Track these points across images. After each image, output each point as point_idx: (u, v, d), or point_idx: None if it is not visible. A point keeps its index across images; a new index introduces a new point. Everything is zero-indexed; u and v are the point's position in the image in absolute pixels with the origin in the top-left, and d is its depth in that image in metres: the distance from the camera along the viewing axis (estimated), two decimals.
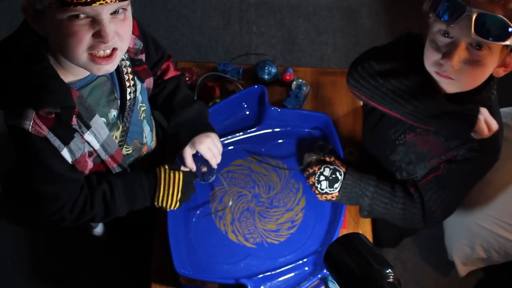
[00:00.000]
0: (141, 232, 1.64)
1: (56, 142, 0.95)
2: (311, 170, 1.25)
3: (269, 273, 1.18)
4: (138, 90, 1.12)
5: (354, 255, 0.72)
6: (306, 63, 2.49)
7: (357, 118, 1.47)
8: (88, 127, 1.00)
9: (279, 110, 1.35)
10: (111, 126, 1.09)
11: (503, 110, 1.74)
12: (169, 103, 1.24)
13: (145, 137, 1.25)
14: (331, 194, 1.22)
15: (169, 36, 2.47)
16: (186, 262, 1.21)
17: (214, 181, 1.29)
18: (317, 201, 1.31)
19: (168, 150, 1.39)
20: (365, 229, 1.33)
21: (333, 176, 1.22)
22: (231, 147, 1.37)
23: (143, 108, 1.21)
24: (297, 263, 1.21)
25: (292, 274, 1.21)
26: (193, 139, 1.18)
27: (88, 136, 1.01)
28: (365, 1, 2.70)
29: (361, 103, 1.48)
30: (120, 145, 1.15)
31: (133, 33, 1.04)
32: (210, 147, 1.19)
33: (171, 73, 1.26)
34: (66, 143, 0.96)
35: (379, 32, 2.60)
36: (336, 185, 1.22)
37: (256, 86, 1.36)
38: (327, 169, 1.23)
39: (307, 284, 1.17)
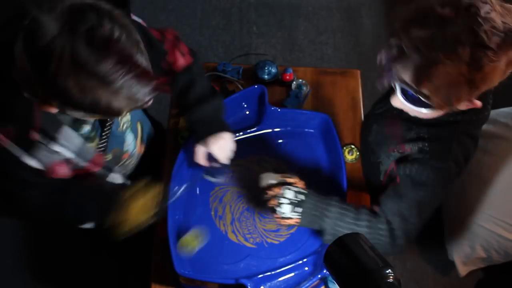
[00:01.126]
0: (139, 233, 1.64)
1: (18, 152, 0.93)
2: (272, 193, 1.12)
3: (269, 273, 1.18)
4: None
5: (354, 255, 0.72)
6: (306, 63, 2.49)
7: (357, 118, 1.47)
8: (54, 139, 0.97)
9: (279, 110, 1.35)
10: (84, 138, 1.06)
11: (503, 110, 1.74)
12: (184, 99, 1.22)
13: (127, 145, 1.22)
14: (294, 218, 1.10)
15: None
16: (186, 262, 1.21)
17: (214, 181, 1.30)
18: None
19: (168, 147, 1.39)
20: None
21: (297, 199, 1.10)
22: None
23: (124, 119, 1.19)
24: (297, 263, 1.21)
25: (292, 274, 1.21)
26: (207, 139, 1.20)
27: (56, 147, 0.98)
28: (365, 1, 2.70)
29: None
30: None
31: None
32: (222, 147, 1.21)
33: (181, 62, 1.19)
34: (29, 153, 0.94)
35: (379, 32, 2.60)
36: (298, 209, 1.10)
37: (256, 86, 1.36)
38: (289, 192, 1.10)
39: (307, 284, 1.17)
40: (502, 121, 1.68)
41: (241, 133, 1.37)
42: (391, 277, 0.68)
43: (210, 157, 1.24)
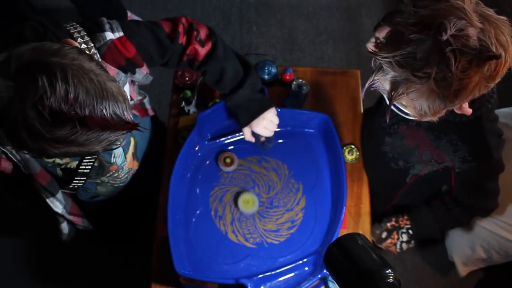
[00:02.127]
0: (134, 233, 1.64)
1: None
2: (392, 241, 1.34)
3: (269, 273, 1.18)
4: None
5: (354, 255, 0.72)
6: (306, 63, 2.49)
7: (357, 118, 1.46)
8: (2, 144, 0.96)
9: (279, 110, 1.35)
10: None
11: (503, 110, 1.74)
12: (219, 88, 1.23)
13: (115, 157, 1.20)
14: (411, 246, 1.35)
15: None
16: (186, 262, 1.21)
17: (214, 181, 1.30)
18: (317, 201, 1.31)
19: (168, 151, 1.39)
20: (365, 229, 1.33)
21: (410, 235, 1.32)
22: (231, 147, 1.37)
23: None
24: (297, 263, 1.21)
25: (292, 274, 1.21)
26: (250, 123, 1.25)
27: (1, 147, 0.98)
28: (365, 1, 2.70)
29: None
30: (84, 164, 1.10)
31: (126, 55, 0.99)
32: (266, 126, 1.26)
33: (202, 52, 1.14)
34: None
35: None
36: (413, 241, 1.33)
37: None
38: (404, 235, 1.32)
39: (307, 284, 1.17)
40: (502, 121, 1.68)
41: (241, 133, 1.37)
42: (391, 277, 0.68)
43: (257, 134, 1.29)
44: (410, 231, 1.31)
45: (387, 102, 0.89)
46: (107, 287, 1.96)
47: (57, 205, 1.17)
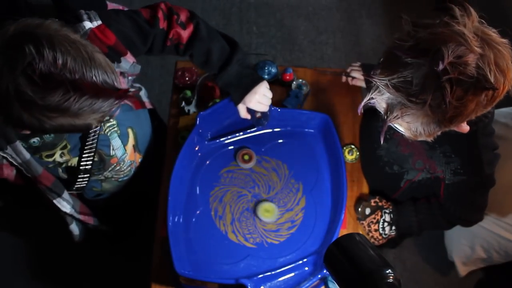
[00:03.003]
0: (133, 231, 1.65)
1: None
2: (374, 220, 1.30)
3: (269, 273, 1.18)
4: None
5: (354, 255, 0.72)
6: (306, 63, 2.49)
7: (356, 118, 1.46)
8: (2, 149, 0.97)
9: (279, 110, 1.35)
10: (49, 145, 1.05)
11: (503, 110, 1.74)
12: (207, 68, 1.21)
13: (114, 150, 1.21)
14: (392, 234, 1.31)
15: None
16: (186, 262, 1.21)
17: (214, 181, 1.30)
18: (317, 201, 1.31)
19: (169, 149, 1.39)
20: None
21: (392, 219, 1.30)
22: (231, 147, 1.37)
23: (108, 124, 1.18)
24: (297, 263, 1.21)
25: (292, 274, 1.21)
26: (242, 100, 1.22)
27: (2, 153, 0.99)
28: (365, 1, 2.70)
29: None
30: (84, 156, 1.12)
31: (107, 43, 0.99)
32: (260, 100, 1.22)
33: (185, 35, 1.14)
34: None
35: (379, 32, 2.60)
36: (394, 227, 1.30)
37: None
38: (387, 216, 1.30)
39: (307, 284, 1.17)
40: (502, 121, 1.68)
41: (241, 133, 1.37)
42: (391, 277, 0.68)
43: (252, 110, 1.26)
44: (392, 215, 1.30)
45: (382, 122, 0.89)
46: (107, 287, 1.95)
47: (64, 205, 1.18)
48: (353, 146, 1.41)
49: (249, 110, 1.26)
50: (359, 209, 1.31)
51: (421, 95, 0.79)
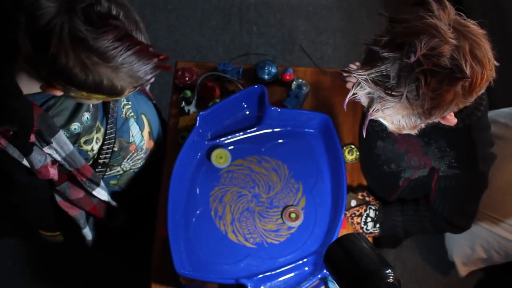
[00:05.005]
0: (135, 233, 1.64)
1: (16, 153, 0.94)
2: (357, 212, 1.30)
3: (269, 273, 1.18)
4: None
5: (354, 255, 0.72)
6: (306, 63, 2.49)
7: (356, 118, 1.46)
8: (48, 143, 0.98)
9: (279, 110, 1.35)
10: (87, 129, 1.06)
11: (503, 110, 1.74)
12: None
13: (132, 136, 1.22)
14: (375, 232, 1.29)
15: (169, 36, 2.47)
16: (186, 262, 1.21)
17: (214, 181, 1.30)
18: (317, 201, 1.31)
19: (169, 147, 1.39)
20: None
21: (377, 216, 1.29)
22: (231, 147, 1.37)
23: (127, 106, 1.19)
24: (297, 263, 1.21)
25: (292, 274, 1.21)
26: None
27: (47, 149, 0.99)
28: (365, 1, 2.70)
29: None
30: (105, 146, 1.13)
31: None
32: None
33: None
34: (25, 154, 0.95)
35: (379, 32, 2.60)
36: (378, 225, 1.29)
37: (256, 86, 1.36)
38: (371, 211, 1.29)
39: (307, 284, 1.17)
40: (502, 121, 1.68)
41: (241, 133, 1.37)
42: (391, 277, 0.68)
43: None
44: (377, 212, 1.29)
45: (364, 117, 0.90)
46: (107, 287, 1.96)
47: (103, 193, 1.21)
48: (353, 146, 1.41)
49: None
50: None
51: (397, 88, 0.80)
